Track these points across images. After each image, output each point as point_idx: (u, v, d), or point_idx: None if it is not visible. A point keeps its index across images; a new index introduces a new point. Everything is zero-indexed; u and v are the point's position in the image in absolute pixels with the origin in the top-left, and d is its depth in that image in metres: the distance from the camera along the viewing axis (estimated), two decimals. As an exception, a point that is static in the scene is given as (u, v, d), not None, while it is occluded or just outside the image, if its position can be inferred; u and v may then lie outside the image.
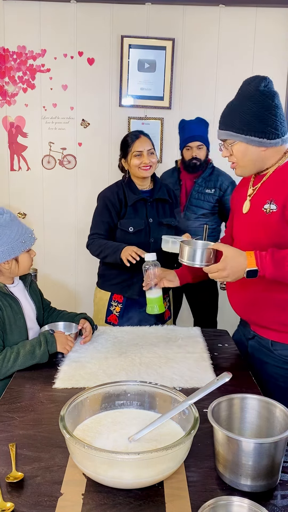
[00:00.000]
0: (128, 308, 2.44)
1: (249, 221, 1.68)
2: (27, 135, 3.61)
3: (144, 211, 2.40)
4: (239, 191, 1.82)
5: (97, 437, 1.18)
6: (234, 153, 1.62)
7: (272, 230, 1.59)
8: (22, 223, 1.77)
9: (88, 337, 1.89)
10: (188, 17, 3.47)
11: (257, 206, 1.65)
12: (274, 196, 1.60)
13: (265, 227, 1.61)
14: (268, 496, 1.06)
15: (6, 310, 1.73)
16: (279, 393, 1.63)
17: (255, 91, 1.61)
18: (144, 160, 2.33)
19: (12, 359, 1.63)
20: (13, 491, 1.07)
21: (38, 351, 1.67)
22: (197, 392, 1.17)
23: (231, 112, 1.61)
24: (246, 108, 1.58)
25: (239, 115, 1.58)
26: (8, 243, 1.68)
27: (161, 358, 1.75)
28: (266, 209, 1.61)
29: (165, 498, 1.04)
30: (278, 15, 3.47)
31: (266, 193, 1.64)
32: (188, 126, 2.95)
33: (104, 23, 3.46)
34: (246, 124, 1.57)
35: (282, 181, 1.60)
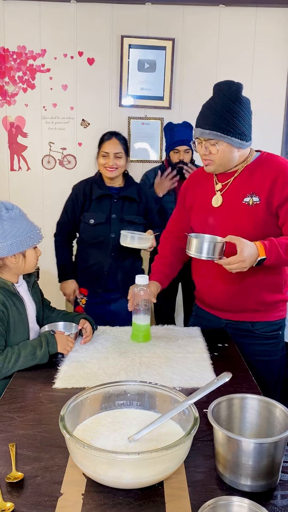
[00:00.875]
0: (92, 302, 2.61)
1: (226, 213, 1.82)
2: (27, 135, 3.61)
3: (108, 206, 2.52)
4: (196, 187, 1.93)
5: (97, 437, 1.18)
6: (215, 152, 1.75)
7: (258, 220, 1.76)
8: (30, 220, 1.77)
9: (88, 337, 1.89)
10: (188, 17, 3.47)
11: (233, 199, 1.81)
12: (254, 190, 1.77)
13: (251, 218, 1.76)
14: (268, 496, 1.06)
15: (12, 310, 1.73)
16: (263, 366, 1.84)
17: (238, 94, 1.75)
18: (109, 162, 2.46)
19: (13, 359, 1.63)
20: (13, 491, 1.07)
21: (39, 352, 1.67)
22: (197, 392, 1.17)
23: (216, 113, 1.71)
24: (231, 111, 1.72)
25: (224, 117, 1.71)
26: (17, 236, 1.68)
27: (161, 358, 1.75)
28: (248, 201, 1.77)
29: (165, 498, 1.04)
30: (278, 15, 3.47)
31: (242, 187, 1.80)
32: (177, 129, 2.98)
33: (104, 23, 3.47)
34: (231, 126, 1.72)
35: (261, 177, 1.77)
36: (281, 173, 1.75)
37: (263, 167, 1.81)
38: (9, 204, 1.73)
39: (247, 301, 1.84)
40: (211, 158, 1.76)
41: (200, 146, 1.78)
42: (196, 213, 1.94)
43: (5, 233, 1.67)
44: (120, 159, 2.49)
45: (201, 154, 1.79)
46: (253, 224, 1.76)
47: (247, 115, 1.77)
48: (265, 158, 1.84)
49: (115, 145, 2.49)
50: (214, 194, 1.85)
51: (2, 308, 1.69)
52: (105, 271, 2.57)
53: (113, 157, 2.47)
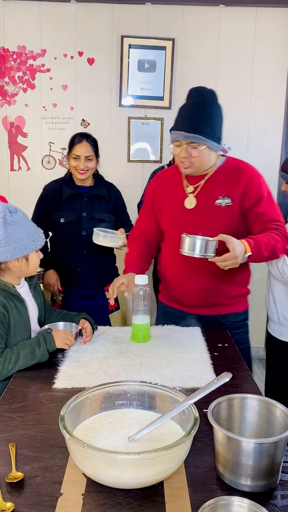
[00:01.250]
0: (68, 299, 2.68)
1: (199, 215, 1.90)
2: (27, 135, 3.61)
3: (78, 205, 2.59)
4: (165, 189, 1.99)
5: (97, 437, 1.18)
6: (197, 155, 1.81)
7: (230, 221, 1.88)
8: (33, 223, 1.77)
9: (88, 337, 1.89)
10: (188, 17, 3.47)
11: (206, 201, 1.90)
12: (226, 192, 1.88)
13: (223, 219, 1.87)
14: (268, 496, 1.06)
15: (13, 312, 1.73)
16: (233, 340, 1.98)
17: (216, 100, 1.85)
18: (80, 165, 2.53)
19: (13, 360, 1.63)
20: (13, 491, 1.07)
21: (37, 351, 1.67)
22: (197, 392, 1.17)
23: (199, 118, 1.78)
24: (211, 116, 1.80)
25: (206, 121, 1.78)
26: (20, 240, 1.67)
27: (161, 358, 1.75)
28: (220, 203, 1.88)
29: (165, 498, 1.04)
30: (278, 15, 3.47)
31: (213, 190, 1.90)
32: None
33: (104, 23, 3.47)
34: (212, 130, 1.79)
35: (232, 180, 1.88)
36: (252, 178, 1.89)
37: (233, 171, 1.91)
38: (13, 207, 1.72)
39: (219, 296, 1.96)
40: (191, 160, 1.83)
41: (179, 149, 1.82)
42: (167, 214, 1.99)
43: (8, 237, 1.65)
44: (91, 161, 2.57)
45: (181, 157, 1.83)
46: (225, 224, 1.86)
47: (221, 120, 1.87)
48: (233, 163, 1.95)
49: (86, 147, 2.55)
50: (185, 196, 1.93)
51: (2, 310, 1.69)
52: (79, 268, 2.64)
53: (84, 159, 2.54)
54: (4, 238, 1.65)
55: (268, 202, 1.89)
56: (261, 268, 2.66)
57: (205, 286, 1.93)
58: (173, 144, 1.85)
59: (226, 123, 3.61)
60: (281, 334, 2.33)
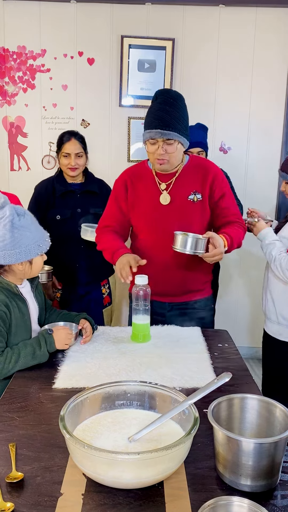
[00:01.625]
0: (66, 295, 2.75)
1: (174, 210, 2.03)
2: (27, 135, 3.61)
3: (72, 201, 2.67)
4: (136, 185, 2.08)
5: (97, 437, 1.18)
6: (172, 151, 1.93)
7: (203, 214, 2.05)
8: (40, 227, 1.76)
9: (88, 337, 1.89)
10: (188, 17, 3.47)
11: (180, 197, 2.03)
12: (196, 188, 2.03)
13: (196, 213, 2.04)
14: (268, 496, 1.06)
15: (14, 312, 1.73)
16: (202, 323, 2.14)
17: (183, 101, 1.96)
18: (71, 162, 2.62)
19: (13, 360, 1.63)
20: (13, 491, 1.07)
21: (38, 352, 1.67)
22: (197, 392, 1.17)
23: (174, 116, 1.89)
24: (182, 115, 1.93)
25: (179, 119, 1.91)
26: (26, 245, 1.66)
27: (161, 358, 1.75)
28: (192, 198, 2.03)
29: (165, 498, 1.04)
30: (278, 15, 3.47)
31: (184, 186, 2.04)
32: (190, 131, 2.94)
33: (104, 23, 3.47)
34: (185, 128, 1.94)
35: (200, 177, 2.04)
36: (217, 175, 2.06)
37: (199, 168, 2.06)
38: (21, 210, 1.71)
39: (194, 283, 2.11)
40: (166, 157, 1.94)
41: (155, 147, 1.93)
42: (142, 210, 2.08)
43: (14, 241, 1.64)
44: (81, 158, 2.66)
45: (157, 154, 1.93)
46: (197, 218, 2.04)
47: (188, 119, 1.98)
48: (197, 161, 2.11)
49: (75, 145, 2.64)
50: (159, 193, 2.05)
51: (4, 309, 1.69)
52: (77, 264, 2.71)
53: (74, 157, 2.63)
54: (10, 242, 1.64)
55: (230, 197, 2.10)
56: (260, 269, 2.66)
57: (182, 276, 2.06)
58: (148, 142, 1.95)
59: (226, 123, 3.62)
60: (279, 334, 2.32)
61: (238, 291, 3.88)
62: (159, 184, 2.05)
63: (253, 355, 3.89)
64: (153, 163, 2.03)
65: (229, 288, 3.78)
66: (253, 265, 3.78)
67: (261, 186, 3.69)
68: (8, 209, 1.64)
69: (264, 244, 2.27)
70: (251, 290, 3.86)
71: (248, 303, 3.90)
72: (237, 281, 3.86)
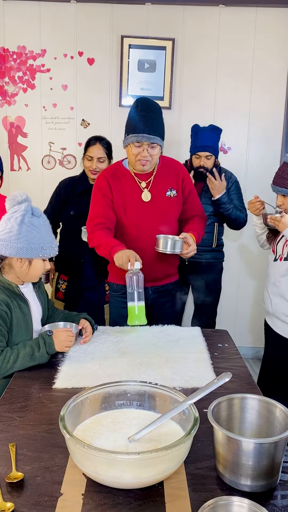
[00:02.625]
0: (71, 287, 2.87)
1: (155, 206, 2.25)
2: (27, 135, 3.61)
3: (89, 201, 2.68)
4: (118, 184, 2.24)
5: (97, 437, 1.18)
6: (155, 154, 2.16)
7: (178, 209, 2.31)
8: (52, 233, 1.79)
9: (88, 337, 1.89)
10: (188, 17, 3.47)
11: (159, 194, 2.25)
12: (171, 185, 2.28)
13: (174, 208, 2.29)
14: (268, 496, 1.06)
15: (15, 311, 1.73)
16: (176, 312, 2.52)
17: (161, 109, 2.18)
18: (92, 165, 2.76)
19: (11, 360, 1.63)
20: (13, 491, 1.07)
21: (37, 353, 1.67)
22: (197, 392, 1.17)
23: (157, 122, 2.13)
24: (162, 121, 2.17)
25: (161, 125, 2.15)
26: (29, 242, 1.69)
27: (161, 358, 1.75)
28: (169, 195, 2.27)
29: (165, 498, 1.04)
30: (278, 15, 3.47)
31: (161, 184, 2.26)
32: (201, 134, 2.93)
33: (104, 23, 3.47)
34: (163, 133, 2.18)
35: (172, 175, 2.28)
36: (185, 173, 2.33)
37: (170, 167, 2.31)
38: (38, 211, 1.76)
39: (169, 269, 2.38)
40: (149, 159, 2.15)
41: (140, 149, 2.13)
42: (126, 207, 2.25)
43: (19, 235, 1.68)
44: (103, 163, 2.77)
45: (141, 156, 2.14)
46: (173, 212, 2.30)
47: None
48: (167, 161, 2.34)
49: (99, 150, 2.76)
50: (141, 191, 2.25)
51: (5, 308, 1.69)
52: (82, 259, 2.82)
53: (96, 161, 2.76)
54: (16, 234, 1.68)
55: (195, 193, 2.39)
56: (260, 269, 2.66)
57: (161, 264, 2.29)
58: (132, 145, 2.13)
59: (226, 123, 3.62)
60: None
61: (238, 291, 3.88)
62: (140, 183, 2.25)
63: (253, 355, 3.89)
64: (134, 164, 2.21)
65: (229, 288, 3.78)
66: (253, 265, 3.78)
67: (261, 186, 3.68)
68: (24, 206, 1.72)
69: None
70: (251, 290, 3.86)
71: (249, 303, 3.90)
72: (237, 281, 3.86)
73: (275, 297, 2.30)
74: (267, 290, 2.38)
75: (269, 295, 2.36)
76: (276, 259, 2.33)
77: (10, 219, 1.71)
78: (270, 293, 2.35)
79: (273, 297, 2.31)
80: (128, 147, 2.17)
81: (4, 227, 1.71)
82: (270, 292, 2.34)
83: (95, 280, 2.86)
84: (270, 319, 2.38)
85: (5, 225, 1.71)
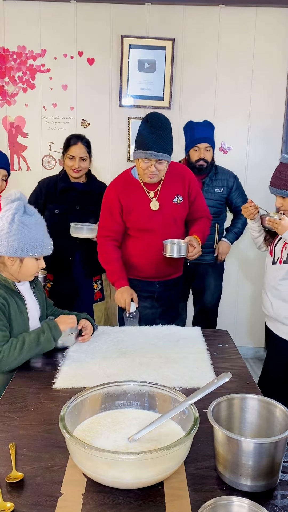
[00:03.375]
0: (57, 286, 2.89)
1: (163, 214, 2.36)
2: (27, 135, 3.61)
3: (72, 198, 2.83)
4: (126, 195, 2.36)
5: (97, 437, 1.18)
6: (163, 168, 2.26)
7: (185, 213, 2.44)
8: (45, 232, 1.79)
9: (87, 335, 1.89)
10: (188, 17, 3.47)
11: (166, 202, 2.36)
12: (177, 191, 2.39)
13: (180, 213, 2.41)
14: (268, 496, 1.06)
15: (13, 306, 1.74)
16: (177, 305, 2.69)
17: (170, 124, 2.26)
18: (75, 165, 2.76)
19: (18, 347, 1.64)
20: (13, 491, 1.07)
21: (42, 337, 1.69)
22: (197, 392, 1.17)
23: (165, 140, 2.20)
24: (171, 137, 2.25)
25: (169, 142, 2.23)
26: (19, 240, 1.69)
27: (161, 358, 1.75)
28: (176, 201, 2.38)
29: (165, 498, 1.04)
30: (278, 15, 3.47)
31: (168, 191, 2.37)
32: (197, 127, 2.98)
33: (104, 23, 3.47)
34: (172, 149, 2.26)
35: (177, 181, 2.38)
36: (191, 178, 2.44)
37: (177, 174, 2.40)
38: (32, 209, 1.76)
39: (174, 268, 2.50)
40: (156, 173, 2.26)
41: (148, 164, 2.23)
42: (135, 217, 2.36)
43: (10, 234, 1.68)
44: (85, 161, 2.79)
45: (148, 171, 2.24)
46: (180, 217, 2.42)
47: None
48: (173, 167, 2.40)
49: (80, 149, 2.77)
50: (149, 200, 2.36)
51: (3, 301, 1.71)
52: (71, 257, 2.83)
53: (79, 160, 2.76)
54: (6, 233, 1.68)
55: (201, 196, 2.50)
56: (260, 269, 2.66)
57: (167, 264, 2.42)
58: (140, 160, 2.23)
59: (226, 123, 3.61)
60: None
61: (238, 291, 3.88)
62: (148, 193, 2.36)
63: (253, 355, 3.89)
64: (142, 177, 2.32)
65: (229, 289, 3.78)
66: (252, 265, 3.78)
67: (261, 186, 3.68)
68: (16, 205, 1.71)
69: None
70: (251, 291, 3.86)
71: (248, 303, 3.90)
72: (237, 281, 3.86)
73: (276, 300, 2.25)
74: (267, 293, 2.32)
75: (269, 298, 2.30)
76: (275, 261, 2.27)
77: (2, 217, 1.71)
78: (270, 296, 2.29)
79: (274, 300, 2.26)
80: (137, 160, 2.28)
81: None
82: (271, 296, 2.29)
83: (83, 278, 2.87)
84: (271, 323, 2.33)
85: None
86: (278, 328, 2.27)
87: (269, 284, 2.30)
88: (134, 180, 2.38)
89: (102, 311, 3.01)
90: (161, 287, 2.51)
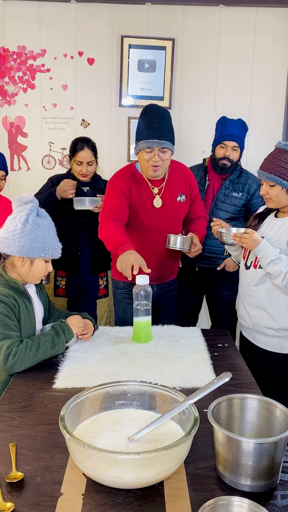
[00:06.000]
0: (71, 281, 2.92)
1: (165, 212, 2.33)
2: (27, 135, 3.61)
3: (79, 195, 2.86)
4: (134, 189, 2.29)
5: (97, 437, 1.19)
6: (166, 158, 2.19)
7: (184, 212, 2.44)
8: (56, 236, 1.80)
9: (88, 334, 1.89)
10: (188, 17, 3.47)
11: (169, 200, 2.34)
12: (181, 190, 2.37)
13: (183, 212, 2.42)
14: (268, 496, 1.06)
15: (22, 308, 1.75)
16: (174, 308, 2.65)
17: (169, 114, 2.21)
18: (82, 170, 2.84)
19: (34, 347, 1.64)
20: (13, 491, 1.07)
21: (56, 339, 1.71)
22: (197, 392, 1.17)
23: (167, 128, 2.16)
24: (172, 127, 2.20)
25: (171, 131, 2.19)
26: (31, 240, 1.70)
27: (161, 358, 1.75)
28: (180, 200, 2.37)
29: (165, 498, 1.04)
30: (278, 15, 3.47)
31: (172, 189, 2.35)
32: (229, 124, 2.76)
33: (104, 23, 3.46)
34: (173, 138, 2.20)
35: (181, 180, 2.37)
36: (192, 177, 2.44)
37: (180, 172, 2.39)
38: (44, 213, 1.78)
39: (173, 268, 2.52)
40: (160, 164, 2.19)
41: (151, 154, 2.16)
42: (139, 212, 2.31)
43: (22, 234, 1.69)
44: (92, 166, 2.87)
45: (152, 161, 2.17)
46: (181, 215, 2.43)
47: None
48: (176, 165, 2.40)
49: (87, 154, 2.83)
50: (153, 197, 2.31)
51: (13, 302, 1.71)
52: (79, 252, 2.87)
53: (86, 165, 2.83)
54: (19, 233, 1.69)
55: (199, 196, 2.51)
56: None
57: (166, 265, 2.43)
58: (143, 151, 2.17)
59: (226, 123, 3.59)
60: (281, 347, 2.04)
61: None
62: (152, 189, 2.31)
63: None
64: (146, 171, 2.24)
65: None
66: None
67: (261, 186, 3.68)
68: (30, 206, 1.74)
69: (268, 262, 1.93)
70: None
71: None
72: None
73: (252, 309, 2.08)
74: (242, 302, 2.16)
75: (245, 307, 2.13)
76: (249, 266, 2.11)
77: (15, 218, 1.72)
78: (246, 305, 2.12)
79: (251, 309, 2.09)
80: (139, 153, 2.21)
81: (8, 226, 1.73)
82: (246, 304, 2.11)
83: (91, 273, 2.92)
84: (249, 334, 2.16)
85: (9, 224, 1.73)
86: (258, 339, 2.11)
87: (245, 292, 2.13)
88: (139, 174, 2.32)
89: (106, 307, 3.04)
90: (159, 289, 2.47)
